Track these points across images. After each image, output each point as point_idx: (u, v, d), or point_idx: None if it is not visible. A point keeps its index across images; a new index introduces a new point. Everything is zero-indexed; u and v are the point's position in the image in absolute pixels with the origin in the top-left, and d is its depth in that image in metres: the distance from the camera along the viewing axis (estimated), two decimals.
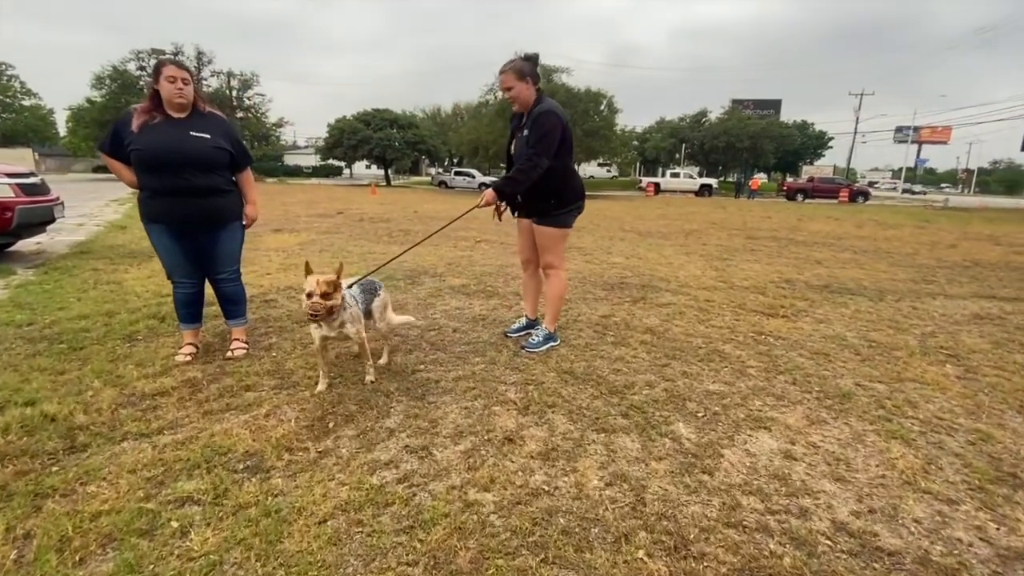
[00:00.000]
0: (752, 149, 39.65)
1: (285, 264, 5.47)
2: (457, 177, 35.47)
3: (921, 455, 1.97)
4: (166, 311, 3.49)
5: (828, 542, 1.50)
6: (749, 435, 2.10)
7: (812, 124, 49.42)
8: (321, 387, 2.47)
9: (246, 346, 2.98)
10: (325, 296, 2.39)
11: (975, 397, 2.49)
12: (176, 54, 32.28)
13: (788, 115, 47.65)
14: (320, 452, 1.94)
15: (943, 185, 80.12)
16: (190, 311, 2.90)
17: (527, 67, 2.78)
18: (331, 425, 2.14)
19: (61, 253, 5.78)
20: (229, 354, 2.88)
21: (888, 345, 3.24)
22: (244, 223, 2.94)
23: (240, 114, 35.42)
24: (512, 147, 3.04)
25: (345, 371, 2.68)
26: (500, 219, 3.15)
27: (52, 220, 5.75)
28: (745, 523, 1.57)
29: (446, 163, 50.65)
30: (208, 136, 2.66)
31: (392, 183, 38.97)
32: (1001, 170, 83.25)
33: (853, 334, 3.46)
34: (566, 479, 1.80)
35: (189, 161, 2.60)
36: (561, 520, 1.57)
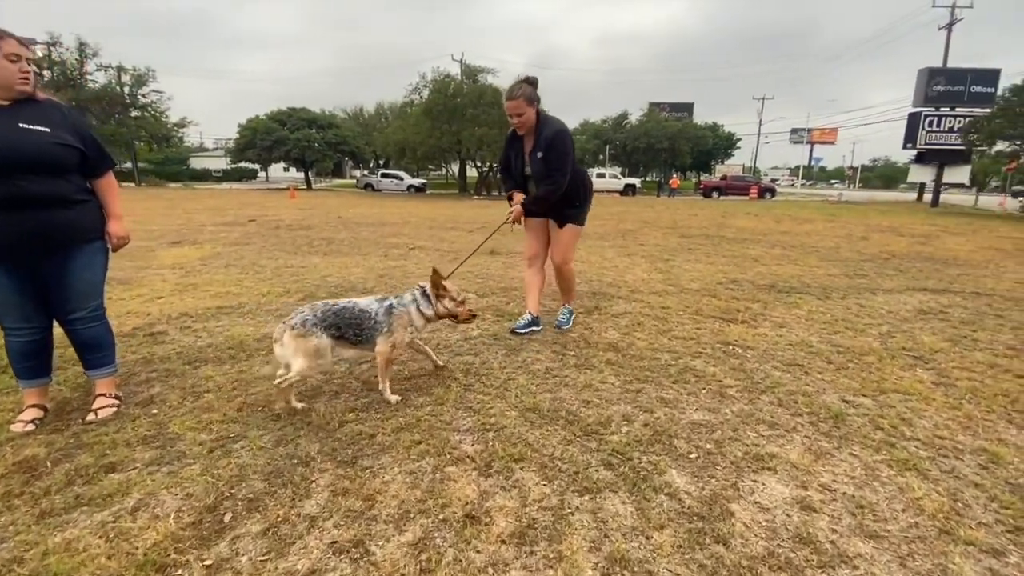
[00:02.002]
0: (670, 150, 41.43)
1: (181, 285, 4.64)
2: (384, 179, 34.21)
3: (943, 490, 1.73)
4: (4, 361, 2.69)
5: None
6: (755, 480, 1.77)
7: (722, 126, 52.65)
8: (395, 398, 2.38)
9: (116, 403, 2.29)
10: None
11: (961, 407, 2.34)
12: (52, 45, 28.57)
13: (700, 117, 50.37)
14: (209, 567, 1.38)
15: (833, 181, 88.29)
16: (31, 364, 2.18)
17: (533, 92, 2.93)
18: (227, 518, 1.58)
19: None
20: (90, 416, 2.19)
21: (854, 349, 3.11)
22: (108, 244, 2.26)
23: (135, 113, 31.97)
24: (515, 162, 3.21)
25: (250, 424, 2.09)
26: (516, 225, 3.28)
27: None
28: None
29: (372, 165, 48.88)
30: (46, 129, 1.97)
31: (313, 186, 36.91)
32: (880, 167, 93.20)
33: (816, 339, 3.31)
34: (551, 573, 1.37)
35: (23, 161, 1.91)
36: None
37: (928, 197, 27.79)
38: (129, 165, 35.88)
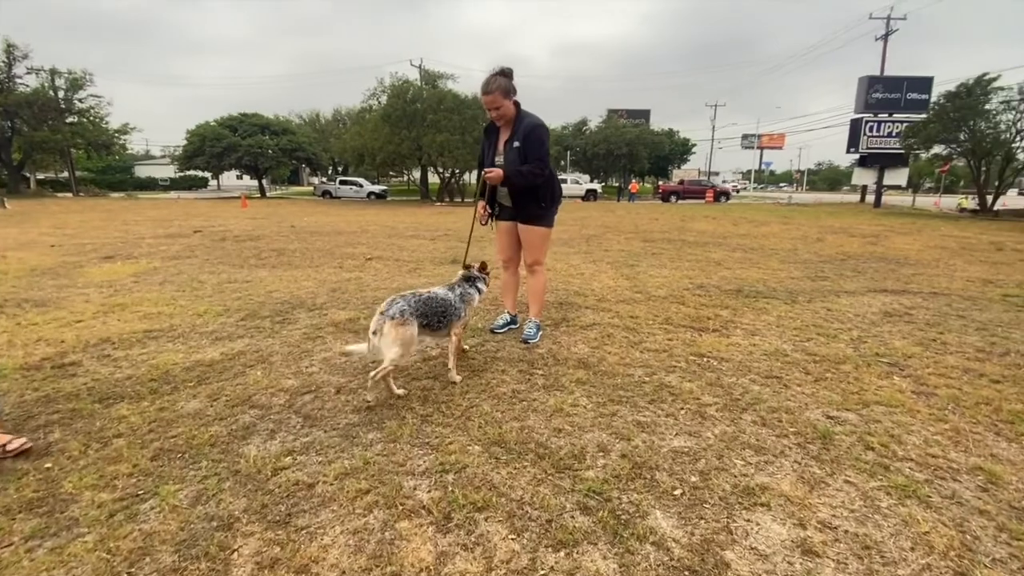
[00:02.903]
0: (629, 155, 42.16)
1: (107, 306, 4.16)
2: (343, 186, 33.35)
3: (948, 520, 1.58)
4: None
5: None
6: (748, 520, 1.58)
7: (677, 132, 54.04)
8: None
9: None
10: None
11: (946, 419, 2.24)
12: None
13: (656, 123, 51.54)
14: None
15: (782, 184, 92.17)
16: None
17: (509, 84, 2.89)
18: None
19: None
20: None
21: (829, 357, 3.01)
22: None
23: (70, 119, 29.99)
24: (487, 155, 3.16)
25: (165, 476, 1.76)
26: (485, 223, 3.30)
27: None
28: None
29: (330, 171, 47.67)
30: None
31: (268, 194, 35.63)
32: (824, 170, 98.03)
33: (790, 346, 3.21)
34: None
35: None
36: None
37: (871, 198, 29.21)
38: (66, 174, 33.64)
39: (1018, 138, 18.46)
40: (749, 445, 2.02)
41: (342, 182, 34.17)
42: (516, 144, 2.95)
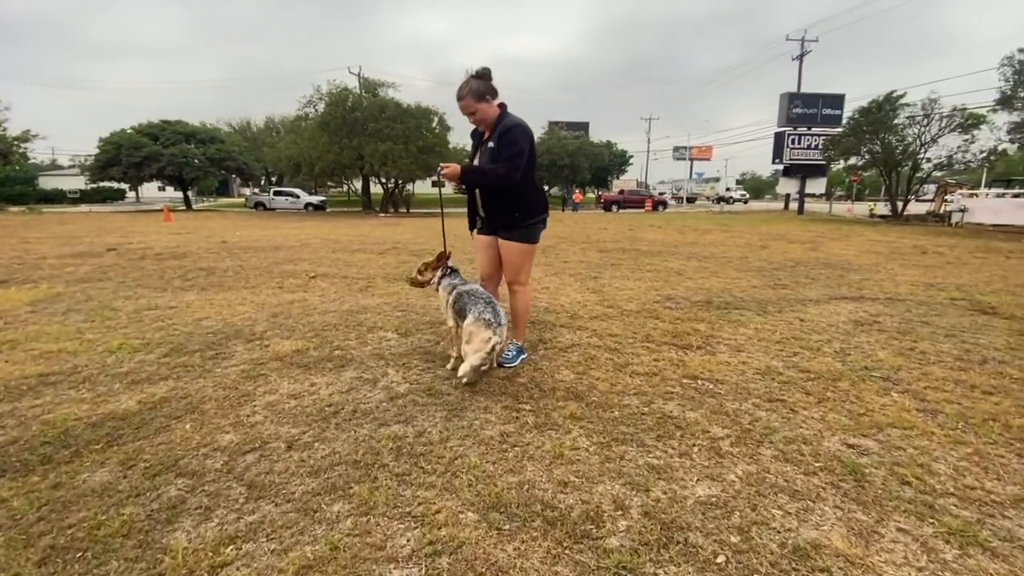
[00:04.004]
0: (571, 166, 42.87)
1: None
2: (278, 197, 31.67)
3: (1021, 570, 1.40)
4: None
5: None
6: None
7: (615, 144, 55.69)
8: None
9: None
10: (420, 273, 3.06)
11: (964, 440, 2.12)
12: None
13: (595, 135, 52.83)
14: None
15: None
16: None
17: (483, 86, 2.70)
18: None
19: None
20: None
21: (822, 374, 2.88)
22: None
23: None
24: (473, 159, 2.96)
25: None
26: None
27: None
28: None
29: (263, 182, 45.33)
30: None
31: (194, 207, 33.26)
32: (748, 180, 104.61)
33: (780, 363, 3.07)
34: None
35: None
36: None
37: (794, 206, 31.18)
38: None
39: (923, 150, 20.22)
40: (780, 488, 1.79)
41: (276, 193, 32.46)
42: (491, 145, 2.76)
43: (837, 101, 28.95)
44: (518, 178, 2.73)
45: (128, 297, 4.94)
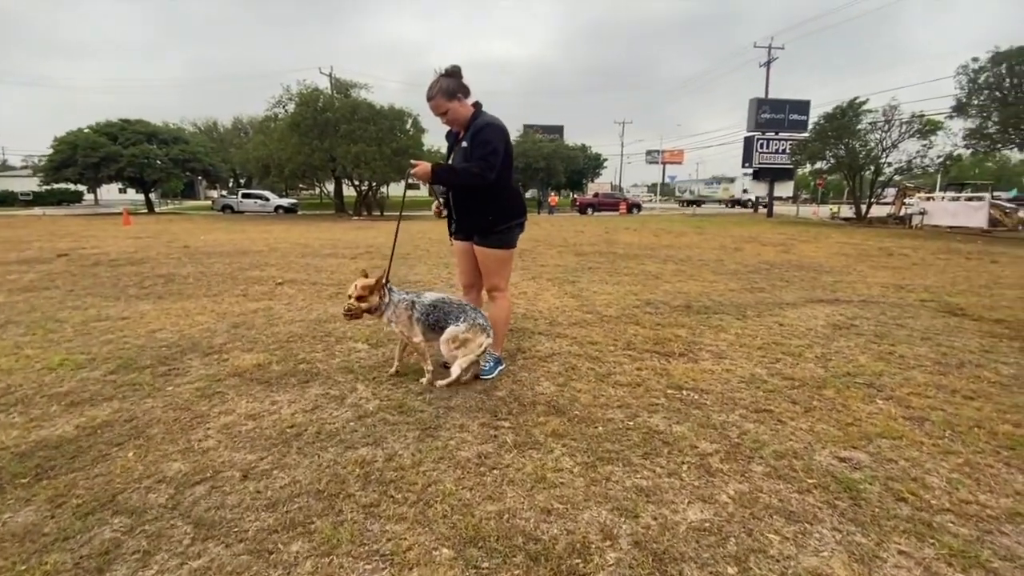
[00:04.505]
0: (547, 169, 43.03)
1: None
2: (246, 200, 30.82)
3: None
4: None
5: None
6: None
7: (590, 147, 56.19)
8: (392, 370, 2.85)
9: None
10: (360, 299, 2.58)
11: (952, 450, 2.08)
12: None
13: (570, 138, 53.18)
14: None
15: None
16: None
17: (453, 84, 2.59)
18: None
19: None
20: None
21: (806, 381, 2.83)
22: None
23: None
24: (448, 160, 2.86)
25: None
26: (443, 215, 2.96)
27: None
28: None
29: (230, 184, 44.07)
30: None
31: (156, 209, 32.07)
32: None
33: (764, 371, 3.00)
34: None
35: None
36: None
37: (763, 209, 31.91)
38: None
39: (884, 154, 20.92)
40: (775, 509, 1.69)
41: (244, 195, 31.57)
42: (464, 144, 2.65)
43: (803, 107, 29.78)
44: (493, 178, 2.61)
45: (76, 307, 4.61)
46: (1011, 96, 13.84)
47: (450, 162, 2.82)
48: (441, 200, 2.95)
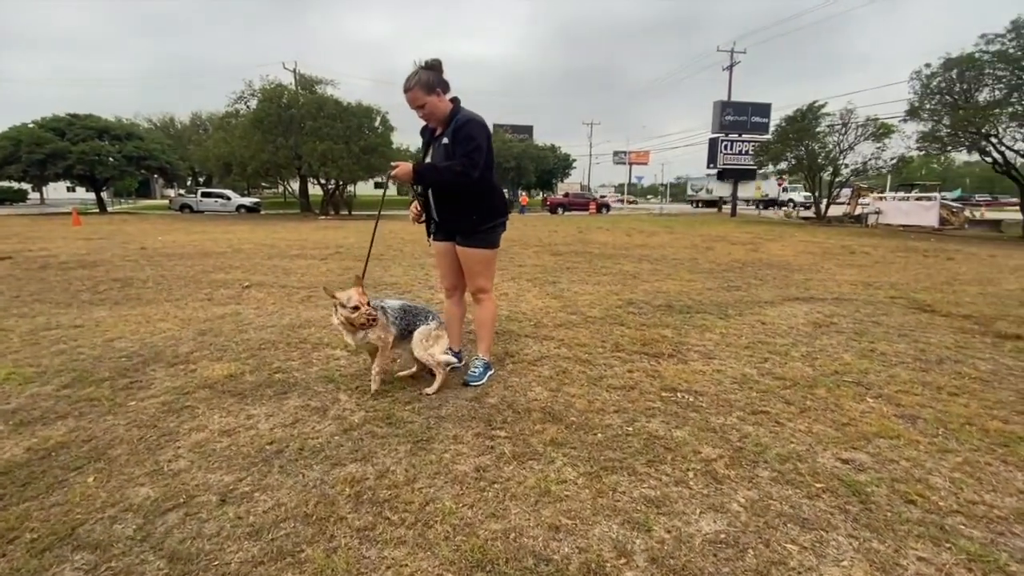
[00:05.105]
0: (517, 168, 43.07)
1: None
2: (206, 199, 29.66)
3: None
4: None
5: None
6: None
7: (559, 147, 56.50)
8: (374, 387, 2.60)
9: None
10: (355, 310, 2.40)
11: (951, 449, 2.09)
12: None
13: (539, 139, 53.37)
14: None
15: (649, 197, 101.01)
16: None
17: (433, 77, 2.47)
18: None
19: None
20: None
21: (797, 381, 2.83)
22: None
23: None
24: (424, 157, 2.76)
25: None
26: (421, 221, 2.82)
27: None
28: None
29: (189, 182, 42.39)
30: None
31: (109, 209, 30.52)
32: (683, 183, 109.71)
33: (754, 371, 2.99)
34: None
35: None
36: None
37: (726, 208, 32.75)
38: None
39: (842, 156, 21.75)
40: (788, 517, 1.64)
41: (204, 194, 30.36)
42: (445, 141, 2.53)
43: (764, 110, 30.72)
44: (477, 176, 2.50)
45: (23, 315, 4.25)
46: (961, 100, 14.55)
47: (428, 159, 2.70)
48: (420, 200, 2.79)
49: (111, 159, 26.59)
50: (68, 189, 45.69)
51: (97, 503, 1.70)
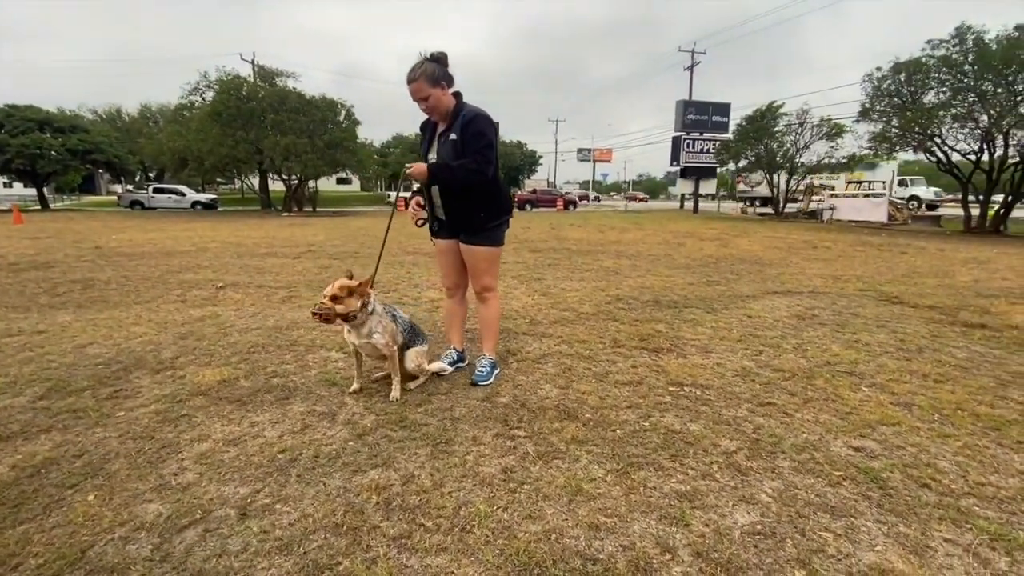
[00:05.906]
0: None
1: None
2: (159, 195, 28.30)
3: None
4: None
5: None
6: None
7: (525, 144, 56.69)
8: (355, 387, 2.56)
9: None
10: (336, 300, 2.28)
11: (950, 434, 2.19)
12: None
13: (505, 136, 53.36)
14: None
15: (612, 193, 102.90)
16: None
17: (438, 70, 2.41)
18: None
19: None
20: None
21: (795, 372, 2.92)
22: None
23: None
24: (423, 151, 2.70)
25: None
26: (421, 224, 2.70)
27: None
28: None
29: (138, 178, 40.31)
30: None
31: (52, 206, 28.70)
32: (645, 181, 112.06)
33: (752, 364, 3.07)
34: None
35: None
36: None
37: (689, 205, 33.63)
38: None
39: (799, 154, 22.64)
40: (816, 506, 1.69)
41: (157, 190, 28.93)
42: (452, 136, 2.46)
43: (724, 109, 31.62)
44: (492, 173, 2.48)
45: None
46: (908, 102, 15.36)
47: (431, 156, 2.62)
48: (418, 198, 2.68)
49: (53, 152, 25.01)
50: (4, 185, 42.71)
51: (104, 523, 1.58)
